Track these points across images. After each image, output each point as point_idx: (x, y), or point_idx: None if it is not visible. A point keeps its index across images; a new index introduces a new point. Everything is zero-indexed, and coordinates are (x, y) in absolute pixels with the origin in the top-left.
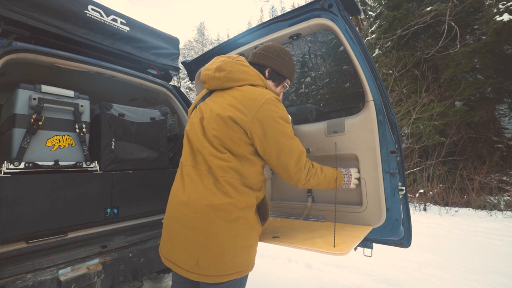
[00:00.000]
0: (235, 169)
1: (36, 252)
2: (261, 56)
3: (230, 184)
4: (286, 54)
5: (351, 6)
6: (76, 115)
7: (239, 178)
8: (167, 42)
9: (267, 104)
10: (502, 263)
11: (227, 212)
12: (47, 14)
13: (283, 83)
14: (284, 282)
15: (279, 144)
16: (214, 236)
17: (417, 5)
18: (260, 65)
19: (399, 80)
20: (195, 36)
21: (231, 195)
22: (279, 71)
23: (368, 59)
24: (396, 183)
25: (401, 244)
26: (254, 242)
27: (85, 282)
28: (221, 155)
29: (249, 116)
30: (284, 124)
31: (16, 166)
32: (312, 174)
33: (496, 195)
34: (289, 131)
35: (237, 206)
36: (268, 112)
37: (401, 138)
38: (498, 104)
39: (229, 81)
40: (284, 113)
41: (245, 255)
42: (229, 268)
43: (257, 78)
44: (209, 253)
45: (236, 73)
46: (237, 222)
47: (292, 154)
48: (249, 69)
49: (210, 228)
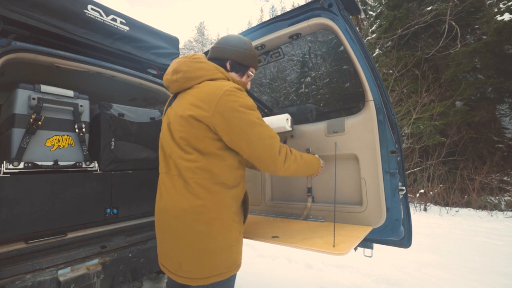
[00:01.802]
0: (204, 169)
1: (36, 252)
2: (219, 50)
3: (200, 185)
4: (244, 43)
5: (351, 5)
6: (75, 115)
7: (210, 177)
8: (167, 42)
9: (226, 95)
10: (503, 263)
11: (199, 214)
12: (46, 13)
13: (247, 72)
14: (284, 282)
15: (245, 133)
16: (191, 240)
17: (417, 5)
18: (219, 59)
19: (399, 80)
20: (195, 35)
21: (201, 197)
22: (240, 61)
23: (368, 58)
24: (396, 183)
25: (401, 244)
26: (235, 243)
27: (85, 282)
28: (189, 156)
29: (210, 111)
30: (248, 111)
31: (15, 166)
32: (291, 160)
33: (496, 195)
34: (255, 118)
35: (209, 207)
36: (228, 103)
37: (401, 138)
38: (499, 104)
39: (187, 81)
40: (246, 100)
41: (226, 256)
42: (211, 270)
43: (216, 71)
44: (189, 257)
45: (192, 72)
46: (211, 223)
47: (263, 141)
48: (205, 65)
49: (186, 232)
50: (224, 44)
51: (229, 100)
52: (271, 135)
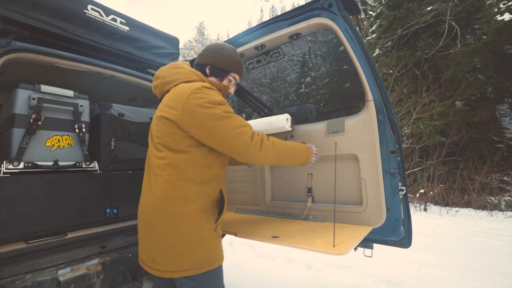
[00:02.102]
0: (172, 165)
1: (36, 253)
2: (201, 56)
3: (167, 181)
4: (225, 49)
5: (351, 5)
6: (75, 115)
7: (177, 173)
8: (167, 42)
9: (193, 93)
10: (503, 263)
11: (164, 209)
12: (46, 13)
13: (227, 77)
14: (284, 282)
15: (215, 127)
16: (160, 235)
17: (417, 5)
18: (200, 65)
19: (399, 80)
20: (195, 35)
21: (166, 193)
22: (219, 66)
23: (368, 58)
24: (396, 183)
25: (401, 244)
26: (205, 241)
27: (85, 282)
28: (159, 154)
29: (179, 109)
30: (214, 106)
31: (15, 166)
32: (269, 146)
33: (496, 195)
34: (222, 111)
35: (172, 202)
36: (195, 100)
37: (401, 138)
38: (499, 104)
39: (165, 85)
40: (213, 97)
41: (194, 254)
42: (178, 265)
43: (191, 75)
44: (159, 251)
45: (169, 76)
46: (174, 218)
47: (231, 131)
48: (181, 69)
49: (155, 227)
50: (206, 51)
51: (196, 98)
52: (241, 125)
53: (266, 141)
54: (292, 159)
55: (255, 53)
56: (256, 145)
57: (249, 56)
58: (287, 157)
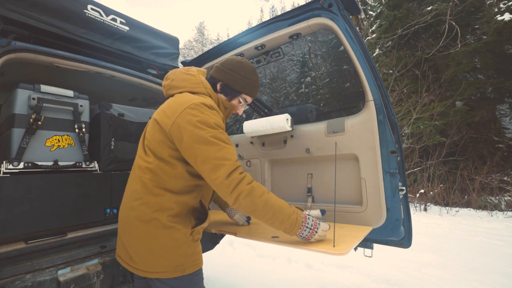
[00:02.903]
0: (152, 170)
1: (35, 253)
2: (217, 70)
3: (144, 185)
4: (243, 69)
5: (351, 5)
6: (75, 115)
7: (155, 179)
8: (167, 42)
9: (189, 108)
10: (503, 263)
11: (141, 212)
12: (46, 13)
13: (238, 97)
14: (284, 282)
15: (194, 149)
16: (136, 236)
17: (417, 5)
18: (214, 78)
19: (399, 80)
20: (195, 35)
21: (142, 196)
22: (231, 85)
23: (368, 58)
24: (397, 183)
25: (402, 244)
26: (180, 245)
27: (85, 282)
28: (145, 157)
29: (171, 120)
30: (204, 128)
31: (15, 166)
32: (243, 192)
33: (497, 195)
34: (210, 136)
35: (149, 207)
36: (188, 116)
37: (401, 138)
38: (499, 104)
39: (171, 88)
40: (208, 118)
41: (167, 258)
42: (153, 266)
43: (200, 86)
44: (135, 252)
45: (177, 81)
46: (150, 223)
47: (210, 161)
48: (191, 77)
49: (132, 229)
50: (223, 66)
51: (190, 114)
52: (224, 157)
53: (244, 185)
54: (272, 222)
55: (255, 53)
56: (230, 185)
57: (249, 56)
58: (264, 216)
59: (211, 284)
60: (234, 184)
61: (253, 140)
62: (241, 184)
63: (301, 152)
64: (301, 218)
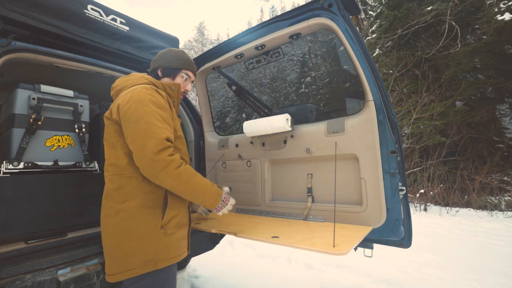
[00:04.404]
0: (113, 163)
1: (35, 253)
2: (152, 63)
3: (110, 181)
4: (173, 51)
5: (351, 5)
6: (75, 115)
7: (117, 171)
8: (167, 42)
9: (128, 92)
10: (503, 263)
11: (109, 209)
12: (46, 13)
13: (179, 74)
14: (284, 282)
15: (125, 127)
16: (106, 236)
17: (417, 5)
18: (152, 70)
19: (399, 80)
20: (195, 35)
21: (109, 192)
22: (169, 65)
23: (368, 58)
24: (397, 183)
25: (402, 244)
26: (151, 238)
27: (85, 282)
28: (106, 155)
29: (114, 106)
30: (137, 105)
31: (15, 166)
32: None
33: (497, 195)
34: (141, 111)
35: (116, 200)
36: (126, 96)
37: (401, 138)
38: (499, 104)
39: (118, 93)
40: (143, 95)
41: (139, 252)
42: (124, 265)
43: (141, 79)
44: (108, 253)
45: (120, 85)
46: (118, 216)
47: (137, 139)
48: (131, 77)
49: (104, 229)
50: (156, 57)
51: (127, 94)
52: (150, 133)
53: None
54: (191, 195)
55: (255, 53)
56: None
57: (249, 56)
58: (185, 191)
59: (211, 284)
60: (162, 165)
61: (253, 140)
62: (169, 167)
63: (301, 152)
64: (220, 198)
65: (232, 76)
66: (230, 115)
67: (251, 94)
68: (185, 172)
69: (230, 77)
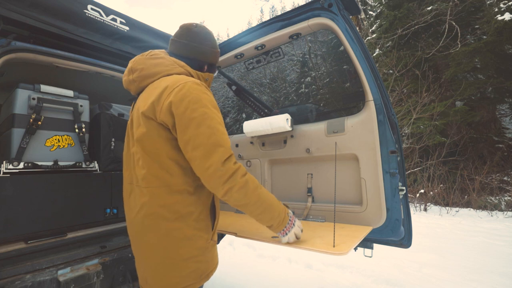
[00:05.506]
0: (154, 174)
1: (35, 253)
2: (191, 48)
3: (154, 195)
4: (210, 42)
5: (351, 5)
6: (75, 115)
7: (165, 183)
8: (167, 42)
9: (176, 87)
10: (503, 263)
11: (157, 227)
12: (46, 13)
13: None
14: (284, 282)
15: (183, 132)
16: (152, 254)
17: (417, 5)
18: (193, 59)
19: (399, 80)
20: None
21: (154, 209)
22: (214, 62)
23: (368, 58)
24: (397, 183)
25: (402, 244)
26: (201, 252)
27: (85, 282)
28: (142, 163)
29: (159, 106)
30: (194, 106)
31: (15, 166)
32: (240, 184)
33: (497, 195)
34: (201, 114)
35: (165, 217)
36: (177, 94)
37: (401, 138)
38: (499, 104)
39: (144, 79)
40: (198, 93)
41: (191, 268)
42: (174, 283)
43: (175, 66)
44: (152, 271)
45: (147, 70)
46: (169, 235)
47: (200, 146)
48: (161, 60)
49: (147, 247)
50: (197, 42)
51: (174, 90)
52: (218, 142)
53: (240, 177)
54: (260, 215)
55: (255, 53)
56: (223, 175)
57: (249, 56)
58: (253, 210)
59: (211, 284)
60: (228, 174)
61: (253, 140)
62: (237, 176)
63: (301, 152)
64: (288, 217)
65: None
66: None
67: (251, 94)
68: (252, 181)
69: (230, 77)
